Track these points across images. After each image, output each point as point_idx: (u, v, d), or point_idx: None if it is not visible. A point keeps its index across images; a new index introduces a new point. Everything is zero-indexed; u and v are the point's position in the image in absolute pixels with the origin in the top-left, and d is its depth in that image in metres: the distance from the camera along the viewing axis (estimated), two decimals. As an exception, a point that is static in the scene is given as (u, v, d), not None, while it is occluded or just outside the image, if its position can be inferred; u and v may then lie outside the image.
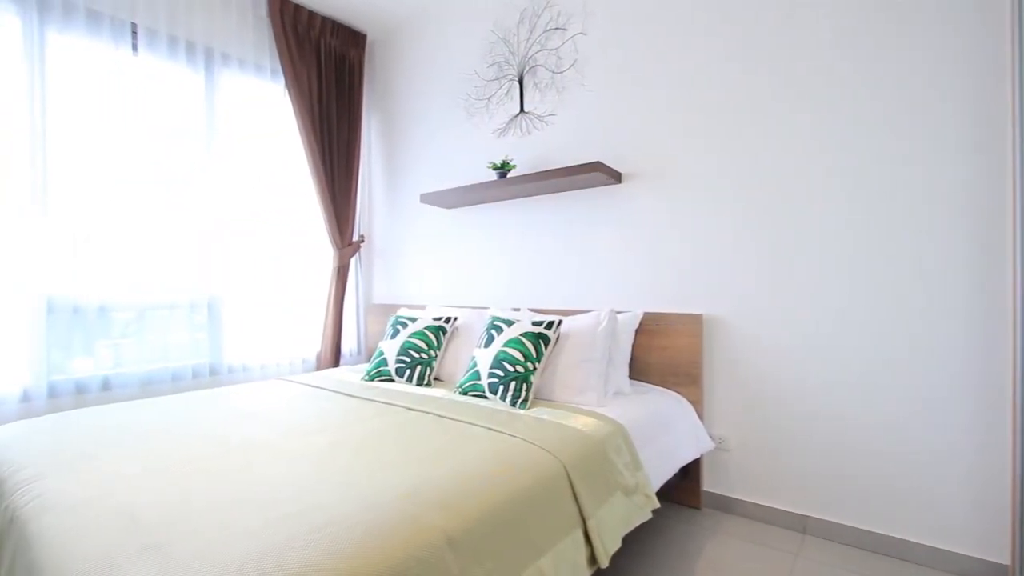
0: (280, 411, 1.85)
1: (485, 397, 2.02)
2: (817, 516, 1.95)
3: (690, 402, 2.15)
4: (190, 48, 2.71)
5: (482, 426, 1.63)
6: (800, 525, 1.98)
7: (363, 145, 3.65)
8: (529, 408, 1.88)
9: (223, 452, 1.38)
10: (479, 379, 2.04)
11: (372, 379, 2.44)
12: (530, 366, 1.95)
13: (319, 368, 3.29)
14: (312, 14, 3.17)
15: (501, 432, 1.56)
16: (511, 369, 1.96)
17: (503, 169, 2.60)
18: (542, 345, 2.00)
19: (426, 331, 2.47)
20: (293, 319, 3.20)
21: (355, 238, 3.52)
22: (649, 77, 2.32)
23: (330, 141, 3.26)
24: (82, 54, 2.36)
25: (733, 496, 2.15)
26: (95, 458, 1.34)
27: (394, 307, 3.36)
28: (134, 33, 2.52)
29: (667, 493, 2.23)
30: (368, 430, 1.60)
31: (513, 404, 1.90)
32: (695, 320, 2.15)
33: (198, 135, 2.74)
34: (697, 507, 2.20)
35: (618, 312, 2.36)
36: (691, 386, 2.17)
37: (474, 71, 3.00)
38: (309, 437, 1.53)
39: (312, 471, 1.25)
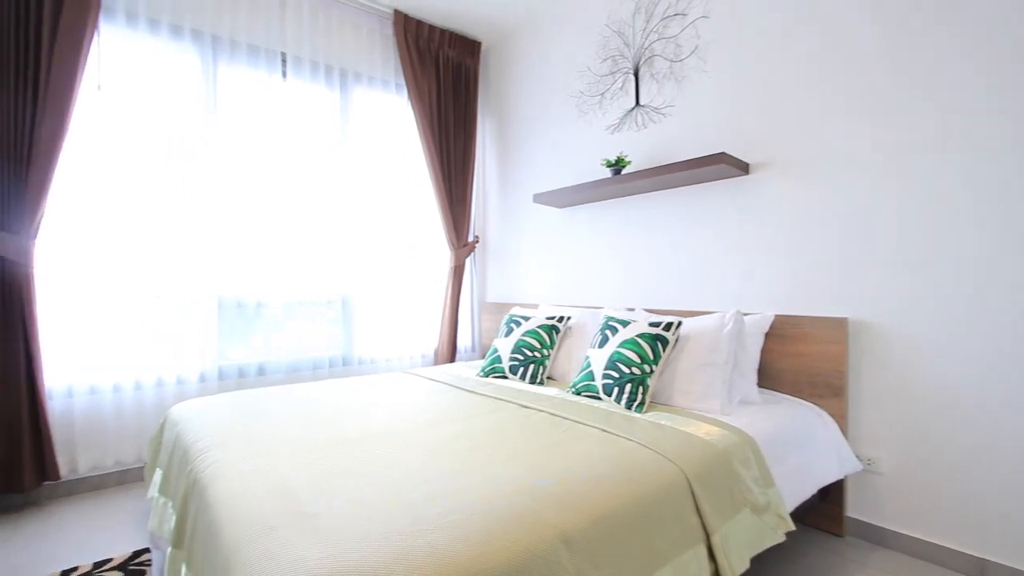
0: (405, 402, 1.97)
1: (599, 398, 1.98)
2: (1000, 561, 1.63)
3: (831, 416, 1.92)
4: (328, 71, 3.03)
5: (597, 427, 1.60)
6: (976, 570, 1.67)
7: (478, 148, 3.78)
8: (645, 412, 1.80)
9: (357, 436, 1.51)
10: (593, 380, 2.01)
11: (487, 375, 2.51)
12: (647, 368, 1.88)
13: (436, 363, 3.47)
14: (432, 28, 3.35)
15: (616, 435, 1.52)
16: (626, 371, 1.90)
17: (617, 166, 2.53)
18: (660, 347, 1.91)
19: (539, 330, 2.48)
20: (414, 316, 3.41)
21: (470, 239, 3.66)
22: (782, 55, 2.11)
23: (448, 147, 3.42)
24: (244, 81, 2.74)
25: (885, 526, 1.87)
26: (256, 433, 1.53)
27: (507, 306, 3.44)
28: (283, 61, 2.87)
29: (802, 515, 2.01)
30: (485, 425, 1.65)
31: (628, 407, 1.84)
32: (838, 324, 1.92)
33: (334, 148, 3.04)
34: (839, 534, 1.96)
35: (744, 314, 2.18)
36: (832, 398, 1.94)
37: (587, 68, 2.96)
38: (431, 428, 1.61)
39: (435, 460, 1.31)
